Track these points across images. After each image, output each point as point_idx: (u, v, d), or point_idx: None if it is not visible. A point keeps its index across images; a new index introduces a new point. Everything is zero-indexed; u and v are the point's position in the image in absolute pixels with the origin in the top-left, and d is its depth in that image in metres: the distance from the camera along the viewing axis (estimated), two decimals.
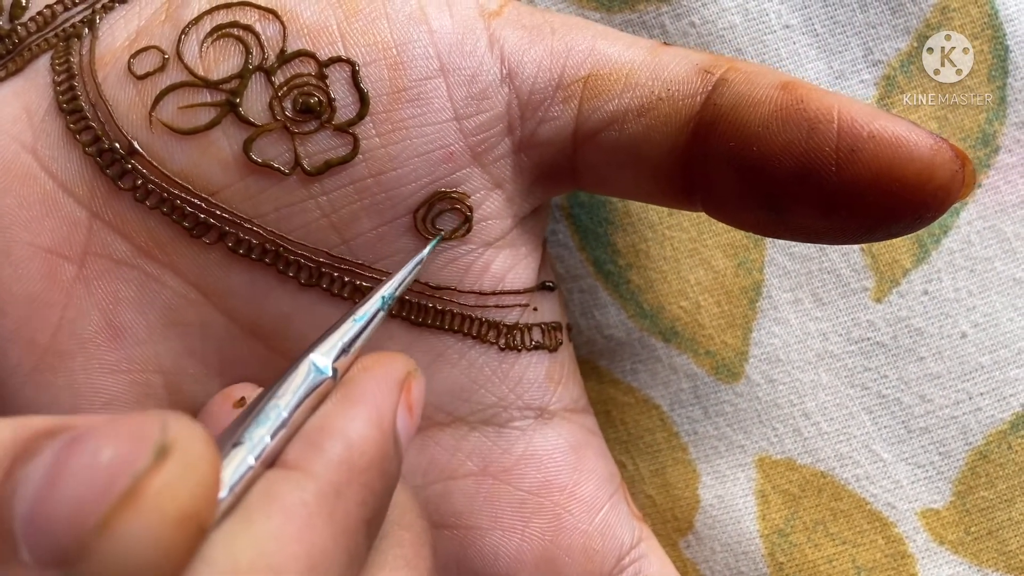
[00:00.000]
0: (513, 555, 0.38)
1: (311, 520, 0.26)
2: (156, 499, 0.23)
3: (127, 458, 0.23)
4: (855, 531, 0.45)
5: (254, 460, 0.28)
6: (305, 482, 0.27)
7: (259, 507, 0.26)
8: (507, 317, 0.38)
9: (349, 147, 0.34)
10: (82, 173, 0.35)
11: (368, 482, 0.28)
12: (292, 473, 0.27)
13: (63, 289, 0.35)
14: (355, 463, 0.28)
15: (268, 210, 0.35)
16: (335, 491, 0.27)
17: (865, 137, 0.32)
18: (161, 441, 0.23)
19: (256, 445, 0.28)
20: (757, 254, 0.46)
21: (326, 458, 0.28)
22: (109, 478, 0.23)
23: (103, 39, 0.36)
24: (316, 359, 0.31)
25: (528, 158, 0.36)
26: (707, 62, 0.35)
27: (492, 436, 0.39)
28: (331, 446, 0.28)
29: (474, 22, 0.35)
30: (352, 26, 0.34)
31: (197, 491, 0.24)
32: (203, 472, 0.24)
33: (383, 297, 0.33)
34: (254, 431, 0.28)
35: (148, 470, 0.23)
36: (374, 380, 0.30)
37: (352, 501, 0.28)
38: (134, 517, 0.23)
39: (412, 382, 0.31)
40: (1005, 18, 0.45)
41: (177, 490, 0.23)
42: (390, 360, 0.32)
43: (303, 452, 0.28)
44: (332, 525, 0.27)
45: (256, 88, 0.34)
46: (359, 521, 0.28)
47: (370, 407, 0.30)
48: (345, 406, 0.29)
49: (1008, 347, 0.45)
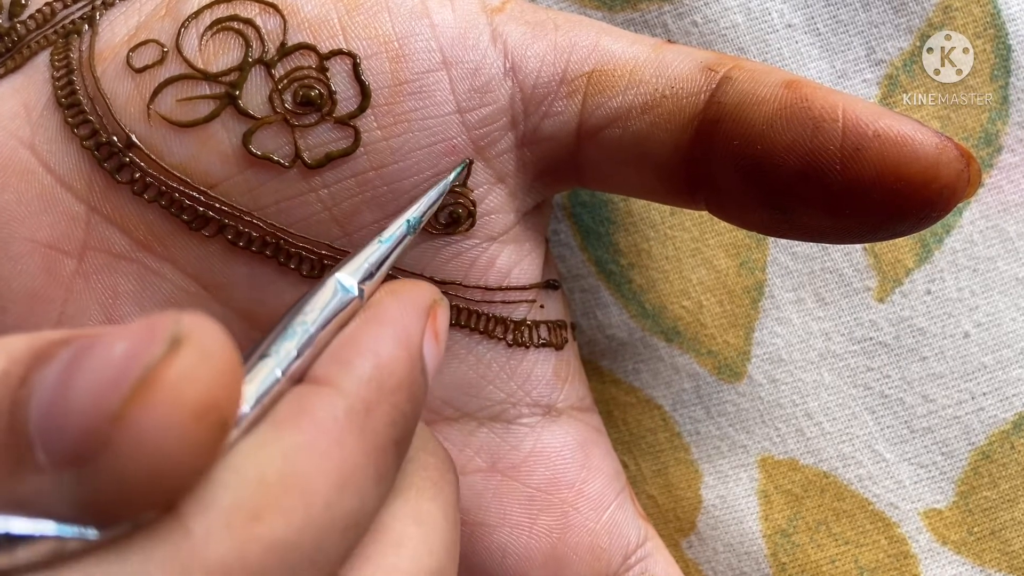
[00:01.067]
0: (521, 552, 0.38)
1: (342, 436, 0.26)
2: (172, 387, 0.22)
3: (140, 349, 0.23)
4: (858, 531, 0.45)
5: (281, 373, 0.27)
6: (336, 398, 0.27)
7: (289, 420, 0.26)
8: (514, 313, 0.38)
9: (350, 140, 0.34)
10: (80, 167, 0.35)
11: (397, 402, 0.28)
12: (323, 388, 0.27)
13: (63, 284, 0.35)
14: (384, 382, 0.28)
15: (268, 203, 0.35)
16: (365, 408, 0.27)
17: (870, 136, 0.32)
18: (175, 332, 0.23)
19: (283, 358, 0.28)
20: (759, 254, 0.46)
21: (356, 375, 0.28)
22: (122, 370, 0.22)
23: (103, 35, 0.36)
24: (342, 278, 0.30)
25: (531, 153, 0.36)
26: (711, 60, 0.35)
27: (500, 432, 0.39)
28: (361, 364, 0.28)
29: (477, 17, 0.35)
30: (353, 19, 0.34)
31: (216, 380, 0.23)
32: (221, 362, 0.23)
33: (408, 221, 0.33)
34: (281, 344, 0.28)
35: (162, 359, 0.22)
36: (401, 303, 0.30)
37: (382, 420, 0.28)
38: (150, 407, 0.22)
39: (438, 309, 0.31)
40: (1007, 18, 0.45)
41: (194, 379, 0.23)
42: (417, 286, 0.32)
43: (333, 368, 0.28)
44: (363, 442, 0.27)
45: (256, 81, 0.34)
46: (388, 440, 0.28)
47: (399, 328, 0.29)
48: (374, 326, 0.29)
49: (1011, 347, 0.45)
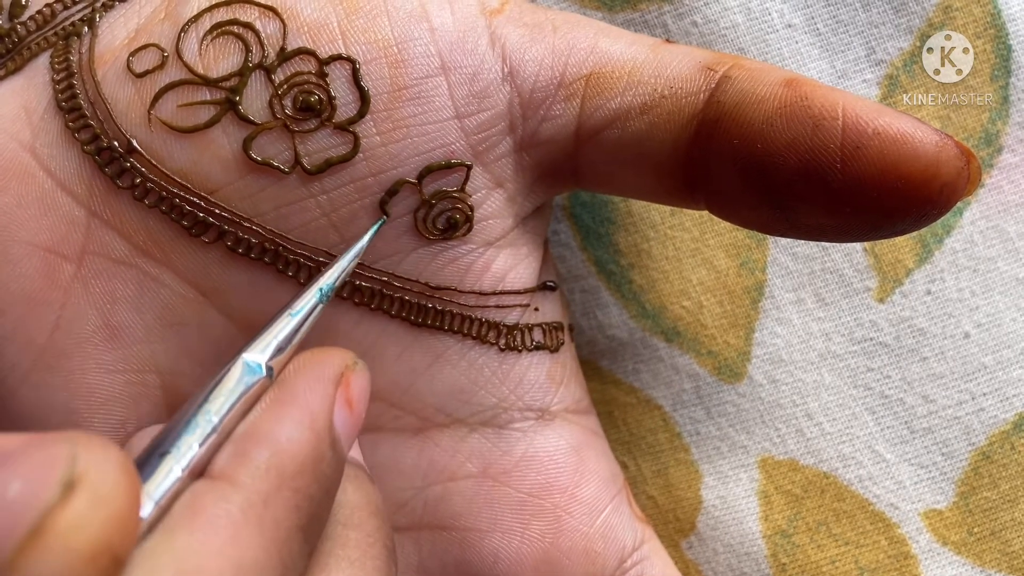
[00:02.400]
0: (513, 557, 0.38)
1: (237, 532, 0.26)
2: (64, 535, 0.22)
3: (33, 493, 0.22)
4: (858, 532, 0.45)
5: (181, 471, 0.27)
6: (230, 492, 0.26)
7: (181, 521, 0.26)
8: (508, 317, 0.38)
9: (349, 146, 0.34)
10: (80, 172, 0.35)
11: (301, 487, 0.28)
12: (217, 483, 0.27)
13: (61, 288, 0.35)
14: (285, 468, 0.27)
15: (268, 209, 0.35)
16: (262, 500, 0.27)
17: (870, 134, 0.32)
18: (68, 474, 0.22)
19: (184, 454, 0.27)
20: (759, 254, 0.46)
21: (253, 465, 0.27)
22: (15, 515, 0.22)
23: (103, 37, 0.36)
24: (249, 358, 0.30)
25: (530, 157, 0.36)
26: (710, 59, 0.35)
27: (492, 438, 0.38)
28: (258, 453, 0.27)
29: (475, 20, 0.35)
30: (353, 24, 0.34)
31: (110, 523, 0.23)
32: (117, 502, 0.23)
33: (320, 290, 0.33)
34: (183, 439, 0.27)
35: (54, 506, 0.22)
36: (304, 379, 0.30)
37: (282, 508, 0.27)
38: (41, 555, 0.22)
39: (351, 375, 0.31)
40: (1008, 18, 0.45)
41: (87, 524, 0.22)
42: (324, 356, 0.31)
43: (229, 461, 0.27)
44: (261, 535, 0.26)
45: (256, 86, 0.34)
46: (292, 528, 0.27)
47: (301, 408, 0.29)
48: (274, 409, 0.29)
49: (1011, 347, 0.45)
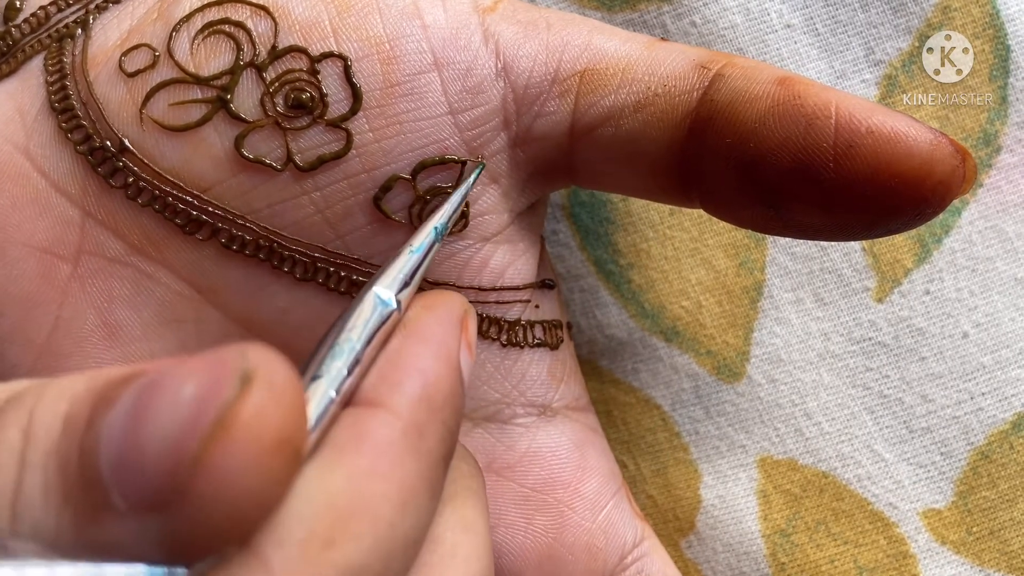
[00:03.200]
0: (516, 552, 0.38)
1: (400, 457, 0.27)
2: (248, 426, 0.23)
3: (212, 389, 0.23)
4: (857, 531, 0.45)
5: (335, 393, 0.28)
6: (392, 420, 0.27)
7: (350, 444, 0.27)
8: (508, 313, 0.38)
9: (342, 142, 0.34)
10: (74, 172, 0.35)
11: (445, 419, 0.29)
12: (378, 411, 0.28)
13: (58, 288, 0.35)
14: (433, 400, 0.29)
15: (261, 206, 0.35)
16: (418, 428, 0.28)
17: (863, 132, 0.32)
18: (244, 369, 0.23)
19: (335, 378, 0.28)
20: (758, 254, 0.46)
21: (407, 396, 0.28)
22: (197, 411, 0.23)
23: (96, 39, 0.36)
24: (380, 292, 0.31)
25: (524, 153, 0.36)
26: (704, 58, 0.35)
27: (495, 433, 0.39)
28: (410, 384, 0.29)
29: (468, 17, 0.35)
30: (344, 21, 0.34)
31: (288, 415, 0.23)
32: (291, 396, 0.24)
33: (436, 228, 0.34)
34: (330, 364, 0.28)
35: (236, 398, 0.23)
36: (438, 318, 0.31)
37: (433, 438, 0.28)
38: (229, 447, 0.22)
39: (468, 319, 0.32)
40: (1007, 18, 0.45)
41: (269, 415, 0.23)
42: (449, 297, 0.32)
43: (384, 390, 0.28)
44: (418, 462, 0.27)
45: (247, 84, 0.34)
46: (439, 457, 0.29)
47: (439, 344, 0.30)
48: (417, 343, 0.30)
49: (1010, 347, 0.45)
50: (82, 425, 0.24)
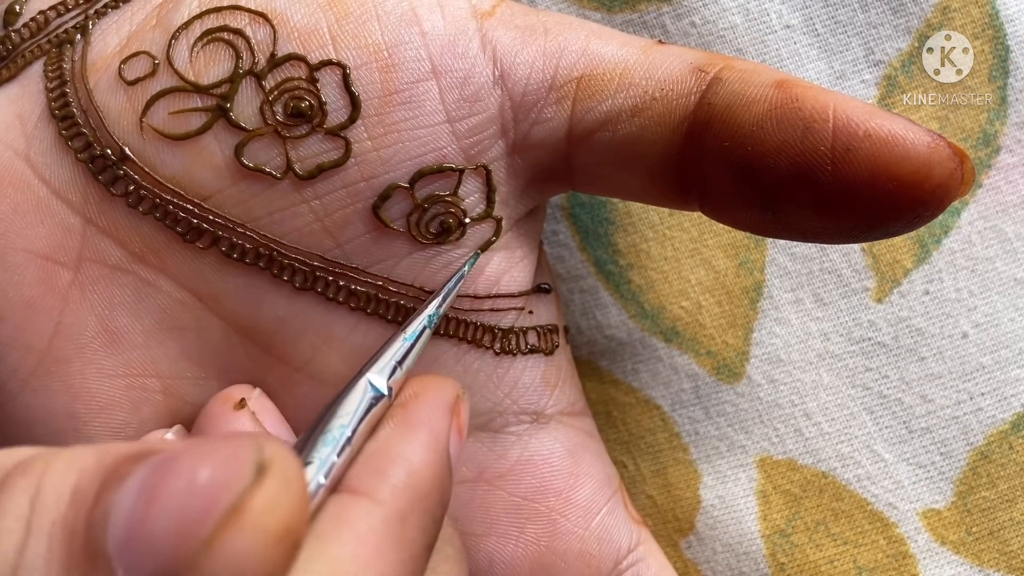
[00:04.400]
0: (508, 561, 0.38)
1: (381, 546, 0.27)
2: (260, 515, 0.23)
3: (229, 476, 0.23)
4: (856, 531, 0.45)
5: (324, 478, 0.28)
6: (374, 508, 0.28)
7: (332, 532, 0.27)
8: (502, 321, 0.38)
9: (341, 151, 0.34)
10: (75, 179, 0.35)
11: (429, 508, 0.29)
12: (361, 499, 0.28)
13: (59, 295, 0.35)
14: (418, 489, 0.29)
15: (261, 214, 0.35)
16: (400, 518, 0.28)
17: (861, 136, 0.32)
18: (259, 459, 0.23)
19: (324, 464, 0.29)
20: (758, 254, 0.46)
21: (391, 484, 0.29)
22: (212, 496, 0.23)
23: (95, 45, 0.36)
24: (373, 378, 0.31)
25: (522, 160, 0.36)
26: (701, 61, 0.35)
27: (487, 442, 0.39)
28: (395, 472, 0.29)
29: (466, 23, 0.35)
30: (343, 29, 0.34)
31: (295, 507, 0.24)
32: (299, 488, 0.24)
33: (429, 316, 0.34)
34: (321, 450, 0.29)
35: (251, 487, 0.23)
36: (429, 405, 0.31)
37: (416, 527, 0.29)
38: (240, 533, 0.23)
39: (461, 405, 0.32)
40: (1006, 18, 0.44)
41: (278, 506, 0.23)
42: (442, 384, 0.33)
43: (368, 477, 0.29)
44: (399, 551, 0.28)
45: (247, 93, 0.34)
46: (422, 547, 0.29)
47: (428, 432, 0.31)
48: (405, 431, 0.30)
49: (1009, 347, 0.45)
50: (91, 498, 0.24)
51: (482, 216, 0.36)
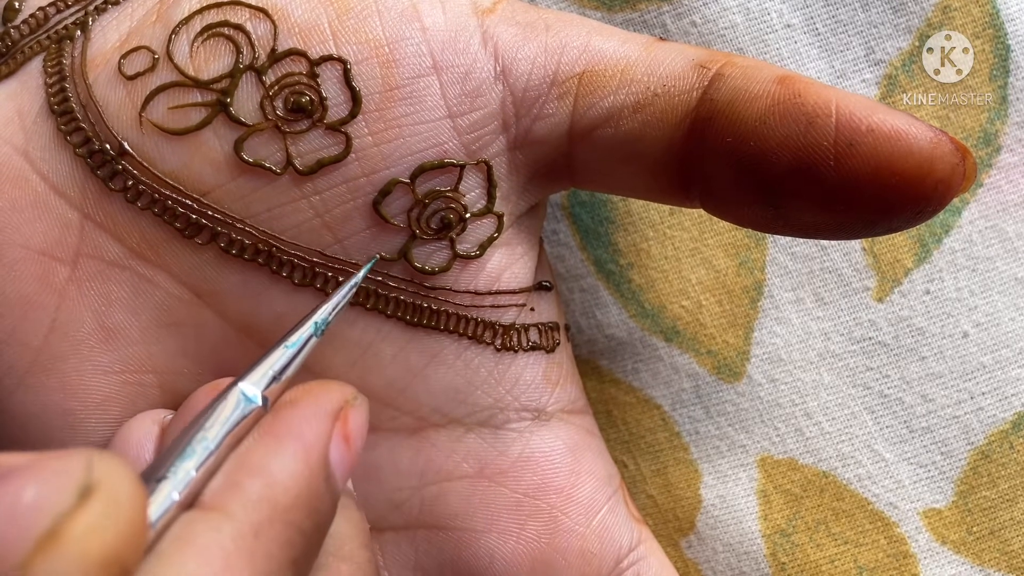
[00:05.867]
0: (508, 558, 0.38)
1: (228, 563, 0.26)
2: (79, 541, 0.22)
3: (49, 497, 0.22)
4: (857, 531, 0.45)
5: (178, 495, 0.27)
6: (222, 522, 0.26)
7: (173, 550, 0.25)
8: (503, 317, 0.38)
9: (341, 146, 0.34)
10: (73, 175, 0.35)
11: (293, 520, 0.28)
12: (209, 514, 0.27)
13: (56, 291, 0.35)
14: (277, 501, 0.27)
15: (260, 210, 0.35)
16: (254, 532, 0.27)
17: (864, 131, 0.32)
18: (85, 481, 0.23)
19: (181, 480, 0.27)
20: (759, 253, 0.46)
21: (245, 497, 0.27)
22: (31, 518, 0.22)
23: (95, 41, 0.36)
24: (245, 388, 0.30)
25: (523, 156, 0.36)
26: (703, 57, 0.35)
27: (488, 438, 0.38)
28: (250, 484, 0.27)
29: (467, 19, 0.35)
30: (343, 24, 0.34)
31: (122, 533, 0.23)
32: (129, 513, 0.23)
33: (315, 323, 0.33)
34: (180, 464, 0.27)
35: (71, 510, 0.22)
36: (301, 411, 0.30)
37: (275, 542, 0.27)
38: (57, 558, 0.22)
39: (349, 411, 0.31)
40: (1006, 17, 0.44)
41: (101, 532, 0.22)
42: (322, 390, 0.31)
43: (222, 491, 0.27)
44: (252, 567, 0.26)
45: (247, 88, 0.34)
46: (284, 562, 0.27)
47: (295, 440, 0.29)
48: (267, 441, 0.29)
49: (1010, 347, 0.45)
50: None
51: (483, 212, 0.36)
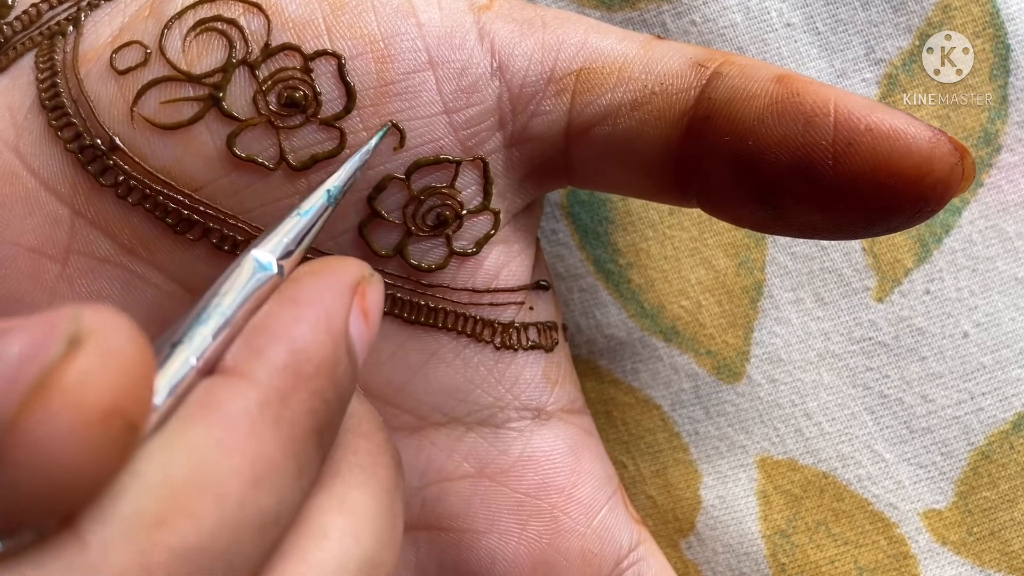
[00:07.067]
0: (510, 558, 0.38)
1: (254, 429, 0.25)
2: (70, 391, 0.21)
3: (36, 348, 0.21)
4: (857, 532, 0.45)
5: (196, 360, 0.26)
6: (248, 388, 0.26)
7: (197, 416, 0.25)
8: (502, 315, 0.37)
9: (336, 142, 0.34)
10: (64, 170, 0.35)
11: (317, 389, 0.27)
12: (233, 379, 0.26)
13: (46, 288, 0.35)
14: (302, 368, 0.27)
15: (253, 206, 0.34)
16: (280, 398, 0.26)
17: (862, 130, 0.32)
18: (74, 330, 0.22)
19: (198, 345, 0.26)
20: (758, 253, 0.45)
21: (270, 363, 0.26)
22: (16, 373, 0.21)
23: (87, 36, 0.35)
24: (259, 255, 0.29)
25: (520, 153, 0.36)
26: (701, 56, 0.35)
27: (489, 437, 0.38)
28: (275, 350, 0.27)
29: (463, 15, 0.35)
30: (338, 19, 0.34)
31: (120, 383, 0.22)
32: (126, 360, 0.22)
33: (328, 191, 0.32)
34: (196, 330, 0.27)
35: (59, 360, 0.21)
36: (322, 281, 0.29)
37: (300, 409, 0.26)
38: (47, 412, 0.21)
39: (366, 286, 0.30)
40: (1007, 17, 0.44)
41: (95, 381, 0.22)
42: (342, 262, 0.30)
43: (244, 356, 0.26)
44: (278, 434, 0.25)
45: (240, 82, 0.34)
46: (308, 431, 0.27)
47: (318, 309, 0.28)
48: (289, 307, 0.28)
49: (1010, 347, 0.45)
50: None
51: (479, 209, 0.36)
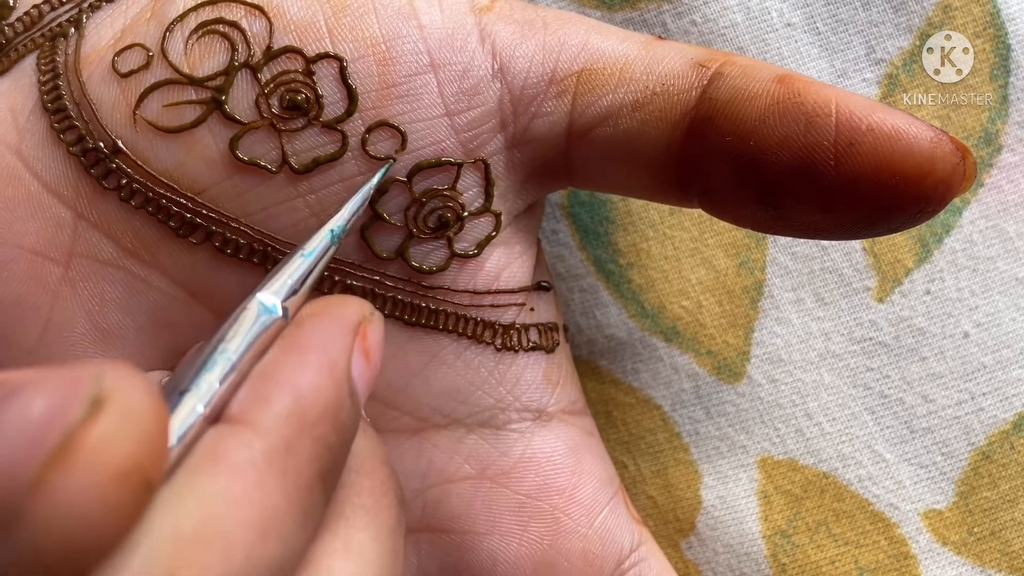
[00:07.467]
0: (511, 560, 0.38)
1: (260, 479, 0.25)
2: (92, 452, 0.22)
3: (59, 410, 0.22)
4: (858, 532, 0.45)
5: (203, 407, 0.26)
6: (253, 438, 0.26)
7: (204, 467, 0.25)
8: (503, 317, 0.37)
9: (338, 144, 0.34)
10: (67, 173, 0.35)
11: (321, 435, 0.27)
12: (238, 428, 0.26)
13: (49, 291, 0.35)
14: (306, 415, 0.27)
15: (255, 209, 0.34)
16: (285, 447, 0.26)
17: (864, 130, 0.32)
18: (96, 392, 0.22)
19: (205, 392, 0.26)
20: (759, 253, 0.45)
21: (274, 411, 0.26)
22: (40, 433, 0.21)
23: (89, 38, 0.35)
24: (264, 298, 0.29)
25: (521, 154, 0.36)
26: (702, 56, 0.35)
27: (490, 438, 0.38)
28: (279, 398, 0.27)
29: (464, 17, 0.35)
30: (340, 22, 0.34)
31: (139, 443, 0.22)
32: (145, 422, 0.23)
33: (332, 231, 0.32)
34: (203, 377, 0.27)
35: (82, 422, 0.22)
36: (323, 325, 0.29)
37: (304, 456, 0.26)
38: (70, 472, 0.21)
39: (367, 326, 0.30)
40: (1007, 17, 0.44)
41: (117, 441, 0.22)
42: (342, 303, 0.30)
43: (249, 405, 0.27)
44: (284, 483, 0.26)
45: (242, 85, 0.34)
46: (313, 477, 0.27)
47: (320, 354, 0.28)
48: (293, 353, 0.28)
49: (1011, 347, 0.45)
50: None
51: (481, 210, 0.36)
